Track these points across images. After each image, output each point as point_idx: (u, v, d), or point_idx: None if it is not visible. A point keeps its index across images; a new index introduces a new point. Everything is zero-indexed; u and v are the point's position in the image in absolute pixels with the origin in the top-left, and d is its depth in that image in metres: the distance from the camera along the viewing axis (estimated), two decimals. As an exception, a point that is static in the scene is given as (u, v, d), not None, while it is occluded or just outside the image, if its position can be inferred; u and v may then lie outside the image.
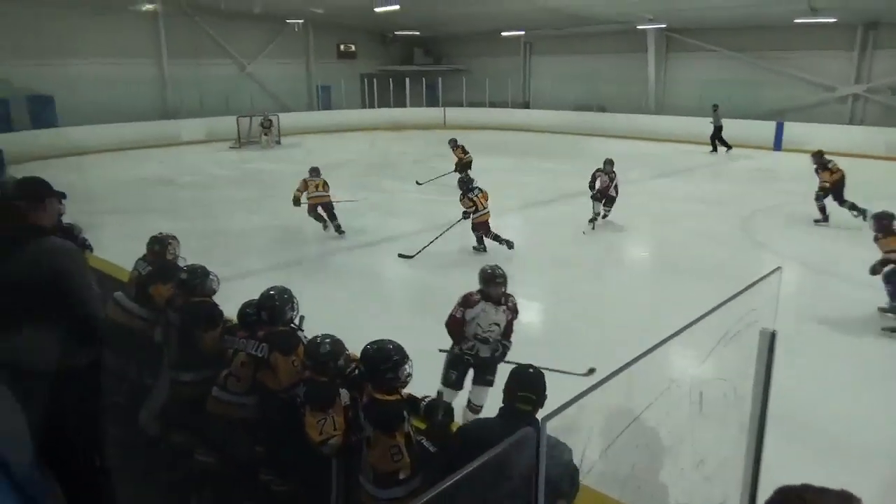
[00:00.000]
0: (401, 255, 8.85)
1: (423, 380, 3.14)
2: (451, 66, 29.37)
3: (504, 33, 25.71)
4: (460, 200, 8.97)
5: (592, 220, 10.13)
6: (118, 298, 4.54)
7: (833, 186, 10.12)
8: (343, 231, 9.92)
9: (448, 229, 9.00)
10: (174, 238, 4.75)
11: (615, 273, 8.59)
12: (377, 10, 20.85)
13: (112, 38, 20.83)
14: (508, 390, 2.68)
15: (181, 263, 4.56)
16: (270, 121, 21.00)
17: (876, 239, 6.55)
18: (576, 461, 1.86)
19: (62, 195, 3.07)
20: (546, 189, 13.83)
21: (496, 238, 8.89)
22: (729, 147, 18.80)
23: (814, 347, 5.77)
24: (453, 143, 14.59)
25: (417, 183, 13.98)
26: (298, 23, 25.21)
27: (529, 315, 7.23)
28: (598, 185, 10.16)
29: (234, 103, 22.92)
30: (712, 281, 7.13)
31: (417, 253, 8.75)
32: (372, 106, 27.16)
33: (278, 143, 21.23)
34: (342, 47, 28.26)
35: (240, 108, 22.43)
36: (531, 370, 2.75)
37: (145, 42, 22.18)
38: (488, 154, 17.78)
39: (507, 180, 14.92)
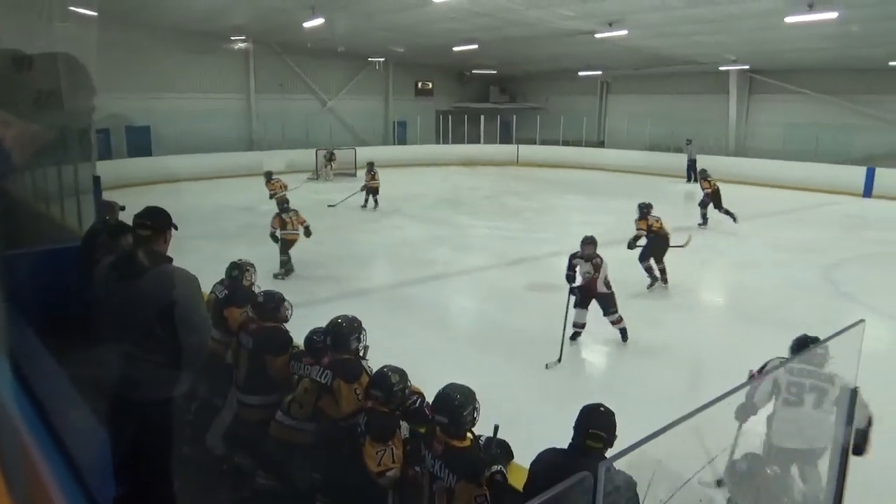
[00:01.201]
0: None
1: (486, 416, 3.09)
2: (526, 104, 29.58)
3: (581, 73, 25.75)
4: (274, 218, 9.58)
5: (574, 337, 7.05)
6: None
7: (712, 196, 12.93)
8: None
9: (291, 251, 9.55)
10: (252, 265, 4.93)
11: (688, 319, 8.28)
12: (456, 49, 21.40)
13: (206, 75, 22.19)
14: (578, 427, 2.69)
15: (256, 290, 4.73)
16: (333, 154, 21.65)
17: (636, 220, 9.25)
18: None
19: (174, 226, 3.22)
20: (617, 230, 13.58)
21: (287, 260, 9.41)
22: (691, 180, 20.33)
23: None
24: (369, 167, 15.74)
25: (329, 206, 15.06)
26: (379, 61, 26.11)
27: (598, 358, 7.09)
28: (578, 278, 6.99)
29: (313, 136, 23.85)
30: (792, 331, 6.76)
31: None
32: (446, 142, 27.62)
33: (354, 175, 21.83)
34: (420, 84, 29.01)
35: (319, 141, 23.30)
36: (602, 409, 2.74)
37: (236, 78, 23.45)
38: (560, 192, 17.71)
39: (576, 219, 14.78)
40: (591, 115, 27.43)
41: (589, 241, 6.95)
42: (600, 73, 26.05)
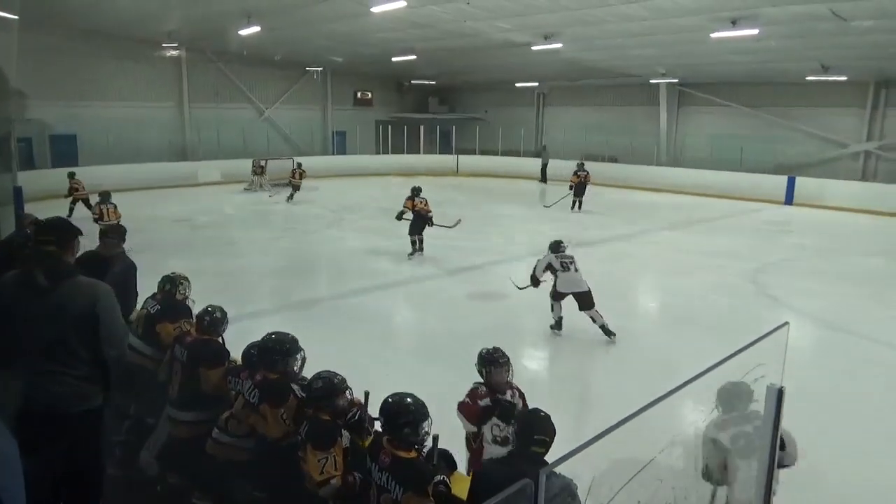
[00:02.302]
0: None
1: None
2: (465, 114, 29.85)
3: (518, 84, 26.18)
4: (95, 206, 11.05)
5: None
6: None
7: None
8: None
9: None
10: (185, 279, 4.76)
11: (622, 323, 8.47)
12: (394, 59, 21.41)
13: (137, 82, 21.47)
14: (522, 434, 2.66)
15: (190, 305, 4.59)
16: (262, 166, 21.21)
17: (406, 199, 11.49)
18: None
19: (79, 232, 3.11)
20: (557, 237, 13.83)
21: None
22: (544, 180, 23.49)
23: (824, 405, 5.62)
24: (297, 166, 18.85)
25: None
26: (317, 70, 25.85)
27: (536, 364, 7.18)
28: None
29: (251, 146, 23.37)
30: (721, 334, 7.05)
31: None
32: (386, 152, 27.55)
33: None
34: (359, 94, 28.86)
35: (256, 151, 22.85)
36: (542, 413, 2.72)
37: (168, 86, 22.72)
38: (500, 201, 17.92)
39: (518, 227, 15.01)
40: (529, 126, 27.93)
41: (501, 361, 3.72)
42: (537, 84, 26.58)
